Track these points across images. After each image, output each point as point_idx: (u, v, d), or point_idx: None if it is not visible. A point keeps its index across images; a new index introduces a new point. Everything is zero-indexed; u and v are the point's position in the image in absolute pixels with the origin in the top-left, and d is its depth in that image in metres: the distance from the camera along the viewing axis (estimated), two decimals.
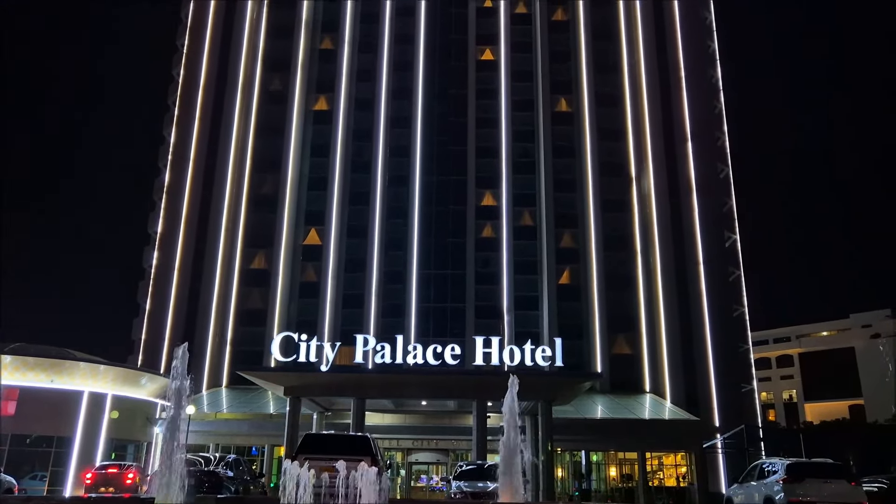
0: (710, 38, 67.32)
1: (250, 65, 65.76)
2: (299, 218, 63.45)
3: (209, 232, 60.76)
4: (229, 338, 58.26)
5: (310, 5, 68.61)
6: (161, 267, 59.89)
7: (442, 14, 70.27)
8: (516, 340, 51.39)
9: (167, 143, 64.14)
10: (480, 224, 63.32)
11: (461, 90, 67.40)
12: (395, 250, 62.22)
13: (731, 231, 61.40)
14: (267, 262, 61.13)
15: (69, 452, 41.43)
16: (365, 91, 66.97)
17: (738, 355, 57.88)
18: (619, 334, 58.42)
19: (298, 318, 59.88)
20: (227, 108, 64.05)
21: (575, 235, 62.00)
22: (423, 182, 64.06)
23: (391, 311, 60.28)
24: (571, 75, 66.37)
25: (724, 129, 64.92)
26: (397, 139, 65.79)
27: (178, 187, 61.80)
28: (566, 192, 63.08)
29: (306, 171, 64.82)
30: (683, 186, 61.14)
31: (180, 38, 67.94)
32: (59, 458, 41.17)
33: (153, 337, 57.86)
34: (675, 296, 58.19)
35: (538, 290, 60.91)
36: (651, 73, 64.18)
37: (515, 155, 64.79)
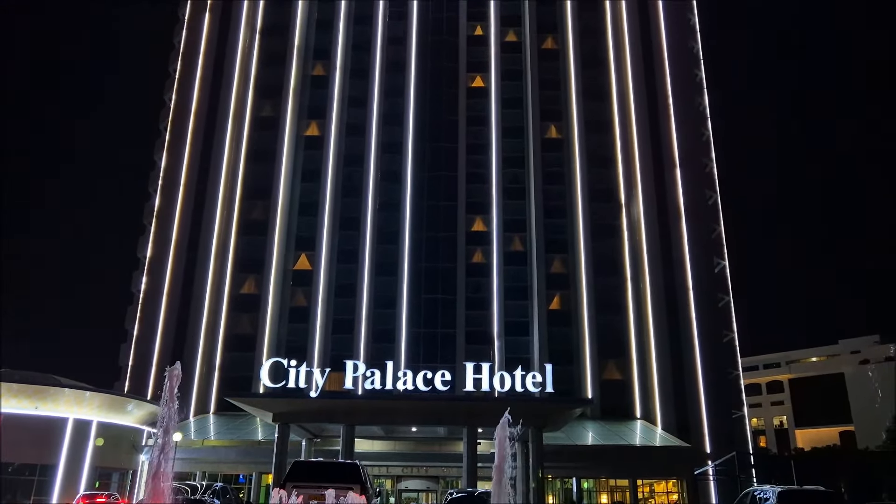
0: (697, 66, 68.32)
1: (242, 91, 66.07)
2: (290, 243, 63.35)
3: (199, 257, 60.48)
4: (218, 363, 57.78)
5: (302, 33, 69.21)
6: (150, 292, 59.49)
7: (433, 42, 71.13)
8: (507, 366, 51.19)
9: (158, 168, 64.11)
10: (471, 249, 63.45)
11: (452, 117, 67.98)
12: (385, 275, 62.16)
13: (720, 257, 61.73)
14: (257, 286, 60.86)
15: (52, 481, 40.74)
16: (356, 117, 67.38)
17: (729, 381, 57.85)
18: (609, 360, 58.34)
19: (288, 343, 59.51)
20: (219, 134, 64.17)
21: (565, 261, 62.15)
22: (413, 207, 64.28)
23: (381, 336, 60.03)
24: (561, 103, 67.03)
25: (711, 155, 65.62)
26: (388, 164, 66.12)
27: (168, 212, 61.65)
28: (556, 217, 63.36)
29: (297, 196, 64.85)
30: (672, 212, 61.52)
31: (172, 63, 68.30)
32: (43, 487, 40.46)
33: (140, 362, 57.27)
34: (665, 321, 58.25)
35: (529, 316, 60.88)
36: (639, 100, 64.91)
37: (506, 181, 65.16)
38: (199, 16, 67.97)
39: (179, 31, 69.03)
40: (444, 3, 72.96)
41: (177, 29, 69.92)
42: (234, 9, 68.01)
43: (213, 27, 67.78)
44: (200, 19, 67.75)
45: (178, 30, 69.63)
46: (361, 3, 71.86)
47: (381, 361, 43.32)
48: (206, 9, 67.93)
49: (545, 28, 69.87)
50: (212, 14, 67.98)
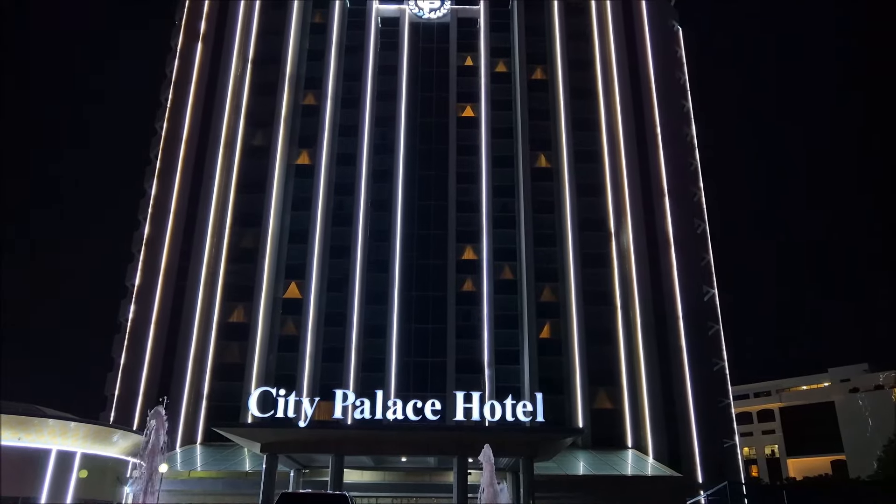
0: (685, 97, 69.31)
1: (233, 119, 66.30)
2: (280, 271, 63.18)
3: (188, 285, 60.11)
4: (205, 393, 57.15)
5: (294, 63, 69.79)
6: (137, 320, 58.95)
7: (423, 72, 72.11)
8: (497, 395, 50.99)
9: (148, 196, 63.98)
10: (461, 278, 63.55)
11: (442, 146, 68.62)
12: (375, 304, 62.06)
13: (710, 285, 62.01)
14: (246, 315, 60.50)
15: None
16: (347, 146, 67.81)
17: (720, 410, 57.73)
18: (600, 389, 58.14)
19: (277, 372, 59.05)
20: (209, 162, 64.20)
21: (555, 289, 62.23)
22: (403, 236, 64.51)
23: (371, 365, 59.73)
24: (551, 133, 67.67)
25: (699, 185, 66.34)
26: (379, 193, 66.50)
27: (157, 240, 61.39)
28: (546, 246, 63.58)
29: (287, 225, 64.85)
30: (662, 241, 61.85)
31: (164, 92, 68.56)
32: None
33: (127, 392, 56.55)
34: (656, 350, 58.22)
35: (519, 345, 60.77)
36: (628, 131, 65.60)
37: (496, 210, 65.52)
38: (191, 45, 68.45)
39: (171, 60, 69.44)
40: (434, 34, 74.13)
41: (169, 58, 70.34)
42: (226, 39, 68.56)
43: (206, 57, 68.20)
44: (193, 49, 68.22)
45: (170, 59, 70.05)
46: (353, 34, 72.83)
47: (370, 390, 42.99)
48: (199, 39, 68.44)
49: (534, 59, 70.82)
50: (204, 44, 68.48)
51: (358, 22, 73.46)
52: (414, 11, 74.57)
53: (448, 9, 74.88)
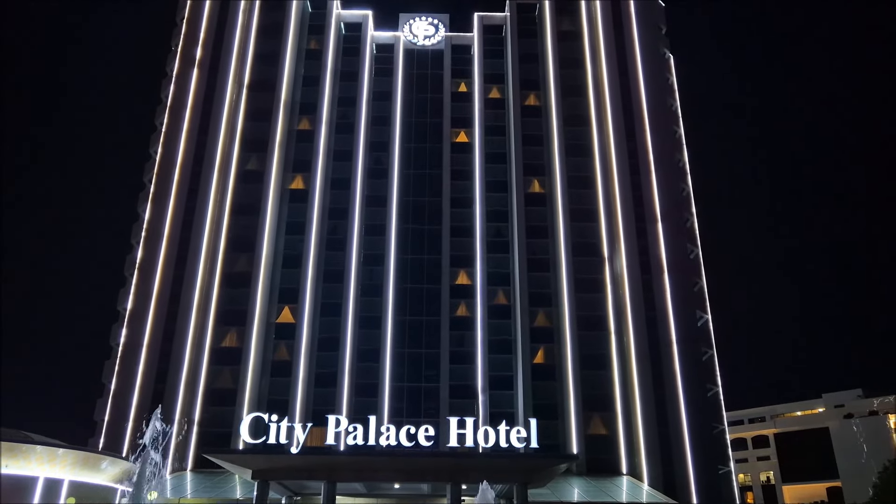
0: (676, 123, 69.99)
1: (228, 144, 66.47)
2: (273, 296, 62.99)
3: (180, 309, 59.77)
4: (196, 418, 56.53)
5: (289, 88, 70.24)
6: (129, 345, 58.49)
7: (418, 98, 72.86)
8: (491, 421, 50.71)
9: (141, 220, 63.86)
10: (455, 303, 63.55)
11: (436, 171, 69.14)
12: (369, 328, 61.93)
13: (703, 311, 62.06)
14: (239, 340, 60.11)
15: None
16: (341, 171, 68.12)
17: (714, 436, 57.42)
18: (594, 414, 57.82)
19: (269, 397, 58.63)
20: (203, 187, 64.22)
21: (549, 315, 62.18)
22: (397, 261, 64.69)
23: (364, 390, 59.40)
24: (544, 158, 68.12)
25: (692, 210, 66.72)
26: (372, 218, 66.71)
27: (150, 264, 61.16)
28: (540, 271, 63.65)
29: (281, 249, 64.84)
30: (655, 267, 61.96)
31: (159, 117, 68.78)
32: None
33: (117, 418, 55.90)
34: (650, 375, 58.02)
35: (513, 370, 60.57)
36: (621, 156, 66.01)
37: (489, 235, 65.72)
38: (187, 71, 68.84)
39: (167, 85, 69.77)
40: (429, 60, 74.99)
41: (164, 83, 70.70)
42: (222, 65, 68.98)
43: (201, 82, 68.53)
44: (188, 74, 68.59)
45: (165, 84, 70.39)
46: (348, 60, 73.62)
47: (363, 416, 42.73)
48: (195, 64, 68.85)
49: (528, 86, 71.53)
50: (200, 69, 68.90)
51: (353, 49, 74.31)
52: (409, 38, 75.47)
53: (442, 36, 75.82)
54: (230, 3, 71.47)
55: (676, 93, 72.21)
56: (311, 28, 74.59)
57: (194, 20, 71.06)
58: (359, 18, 75.89)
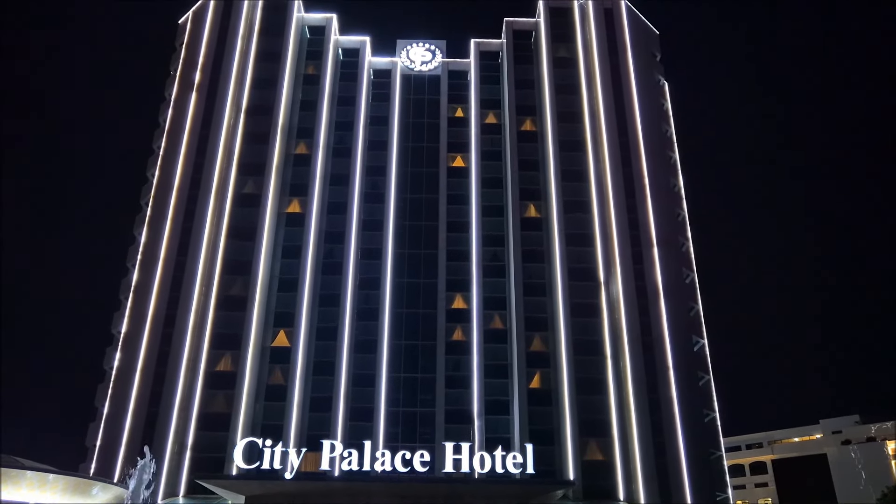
0: (671, 149, 70.54)
1: (225, 168, 66.64)
2: (268, 319, 62.78)
3: (175, 333, 59.46)
4: (190, 443, 55.88)
5: (286, 113, 70.66)
6: (123, 368, 58.11)
7: (414, 123, 73.45)
8: (487, 446, 50.39)
9: (137, 243, 63.84)
10: (451, 327, 63.44)
11: (433, 195, 69.44)
12: (364, 352, 61.71)
13: (699, 335, 62.00)
14: (233, 364, 59.74)
15: None
16: (338, 195, 68.35)
17: (712, 462, 57.07)
18: (590, 440, 57.41)
19: (264, 422, 58.15)
20: (200, 210, 64.25)
21: (545, 339, 62.05)
22: (394, 284, 64.68)
23: (359, 414, 58.98)
24: (540, 183, 68.46)
25: (687, 235, 66.94)
26: (369, 242, 66.83)
27: (145, 287, 60.98)
28: (536, 295, 63.66)
29: (277, 273, 64.79)
30: (651, 291, 61.97)
31: (157, 141, 69.09)
32: None
33: (109, 442, 55.35)
34: (646, 400, 57.74)
35: (509, 395, 60.29)
36: (616, 182, 66.33)
37: (486, 259, 65.83)
38: (185, 95, 69.26)
39: (165, 109, 70.20)
40: (425, 86, 75.67)
41: (163, 107, 71.15)
42: (220, 89, 69.41)
43: (199, 106, 68.88)
44: (187, 98, 68.99)
45: (163, 108, 70.83)
46: (345, 85, 74.24)
47: (358, 441, 42.48)
48: (193, 88, 69.29)
49: (524, 111, 72.14)
50: (198, 94, 69.31)
51: (350, 74, 74.97)
52: (406, 64, 76.20)
53: (439, 62, 76.59)
54: (229, 28, 72.14)
55: (671, 118, 72.90)
56: (309, 53, 75.31)
57: (193, 45, 71.69)
58: (356, 44, 76.66)
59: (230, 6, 73.33)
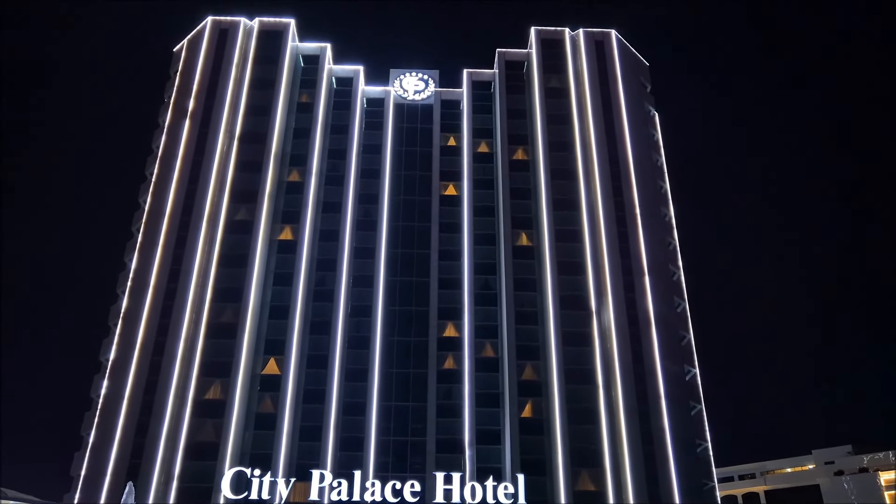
0: (662, 178, 71.16)
1: (217, 195, 66.63)
2: (259, 347, 62.34)
3: (164, 360, 58.86)
4: (177, 473, 54.95)
5: (279, 140, 70.99)
6: (110, 396, 57.38)
7: (407, 151, 73.97)
8: (478, 476, 49.89)
9: (128, 270, 63.52)
10: (442, 355, 63.19)
11: (425, 223, 69.67)
12: (355, 381, 61.24)
13: (691, 364, 61.94)
14: (223, 392, 59.12)
15: None
16: (330, 222, 68.44)
17: (704, 493, 56.65)
18: (582, 470, 56.90)
19: (253, 451, 57.37)
20: (192, 237, 64.07)
21: (537, 368, 61.81)
22: (385, 313, 64.55)
23: (350, 444, 58.34)
24: (532, 212, 68.76)
25: (678, 264, 67.25)
26: (360, 269, 66.78)
27: (135, 314, 60.52)
28: (528, 324, 63.53)
29: (268, 300, 64.48)
30: (642, 320, 61.98)
31: (150, 167, 69.14)
32: None
33: (94, 472, 54.43)
34: (638, 430, 57.40)
35: (500, 424, 59.86)
36: (608, 211, 66.67)
37: (477, 287, 65.81)
38: (179, 122, 69.51)
39: (159, 136, 70.39)
40: (418, 115, 76.36)
41: (156, 134, 71.35)
42: (213, 116, 69.73)
43: (193, 133, 69.08)
44: (180, 125, 69.23)
45: (157, 135, 71.04)
46: (338, 114, 74.74)
47: (348, 471, 42.03)
48: (187, 115, 69.59)
49: (516, 140, 72.67)
50: (192, 121, 69.58)
51: (344, 102, 75.56)
52: (399, 93, 76.89)
53: (432, 91, 77.33)
54: (224, 56, 72.75)
55: (662, 149, 73.66)
56: (303, 82, 75.89)
57: (188, 73, 72.16)
58: (350, 73, 77.37)
59: (225, 35, 74.04)
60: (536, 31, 76.81)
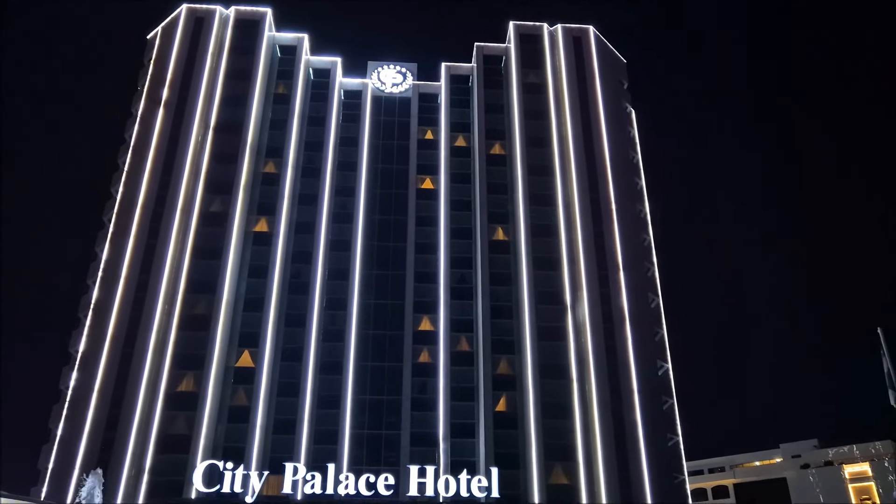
0: (638, 175, 71.75)
1: (192, 186, 65.80)
2: (232, 339, 61.77)
3: (135, 352, 58.08)
4: (148, 466, 54.28)
5: (255, 131, 70.21)
6: (79, 388, 56.53)
7: (384, 144, 73.62)
8: (452, 469, 50.05)
9: (98, 260, 62.52)
10: (417, 349, 63.18)
11: (401, 217, 69.48)
12: (330, 374, 61.02)
13: (664, 360, 62.65)
14: (196, 384, 58.54)
15: None
16: (306, 215, 67.94)
17: (675, 486, 57.43)
18: (556, 464, 57.37)
19: (226, 444, 56.93)
20: (165, 228, 63.21)
21: (512, 362, 62.09)
22: (360, 305, 64.30)
23: (324, 437, 58.12)
24: (508, 206, 68.94)
25: (653, 260, 67.90)
26: (336, 262, 66.41)
27: (105, 305, 59.63)
28: (503, 318, 63.77)
29: (242, 293, 63.88)
30: (617, 315, 62.51)
31: (122, 156, 68.04)
32: None
33: (63, 466, 53.62)
34: (611, 425, 57.98)
35: (475, 418, 60.07)
36: (584, 206, 67.06)
37: (453, 281, 65.87)
38: (152, 111, 68.43)
39: (132, 125, 69.26)
40: (396, 108, 76.01)
41: (129, 123, 70.19)
42: (188, 106, 68.78)
43: (167, 123, 68.10)
44: (154, 115, 68.17)
45: (130, 124, 69.89)
46: (315, 105, 74.11)
47: (322, 464, 41.92)
48: (161, 105, 68.55)
49: (493, 135, 72.76)
50: (166, 110, 68.60)
51: (321, 94, 74.93)
52: (377, 86, 76.46)
53: (410, 84, 77.02)
54: (199, 45, 71.75)
55: (638, 145, 74.25)
56: (279, 73, 75.12)
57: (162, 61, 71.05)
58: (327, 65, 76.76)
59: (200, 23, 73.01)
60: (515, 27, 76.88)
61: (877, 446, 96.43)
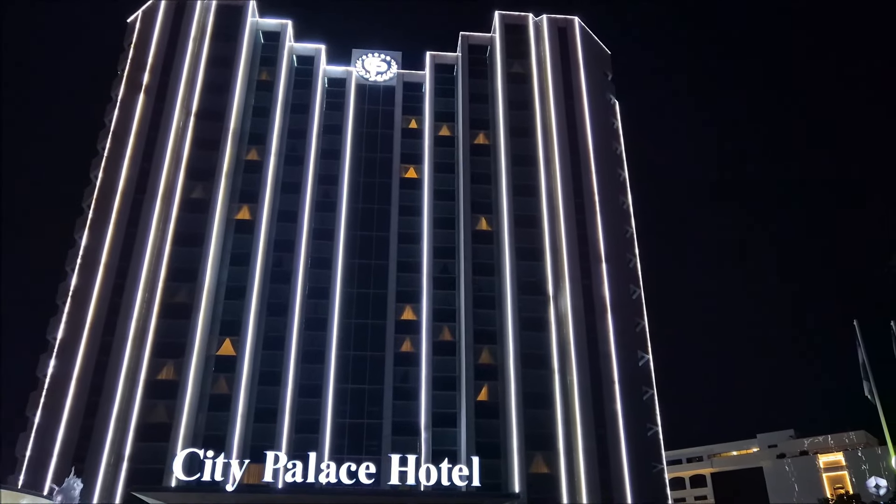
0: (621, 166, 72.05)
1: (173, 172, 65.11)
2: (214, 328, 61.36)
3: (115, 340, 57.59)
4: (127, 454, 53.93)
5: (238, 118, 69.51)
6: (57, 376, 55.98)
7: (368, 133, 73.15)
8: (433, 459, 50.20)
9: (77, 247, 61.78)
10: (400, 338, 63.16)
11: (384, 206, 69.19)
12: (312, 363, 60.85)
13: (644, 351, 63.19)
14: (176, 372, 58.17)
15: None
16: (289, 203, 67.46)
17: (654, 475, 58.08)
18: (537, 453, 57.76)
19: (206, 432, 56.69)
20: (145, 214, 62.57)
21: (494, 352, 62.28)
22: (343, 294, 64.08)
23: (305, 426, 58.06)
24: (492, 197, 68.94)
25: (635, 251, 68.35)
26: (319, 251, 66.04)
27: (84, 292, 58.99)
28: (486, 308, 63.89)
29: (224, 280, 63.44)
30: (598, 306, 62.89)
31: (102, 141, 67.16)
32: None
33: (40, 453, 53.15)
34: (592, 414, 58.48)
35: (456, 407, 60.26)
36: (567, 197, 67.28)
37: (436, 271, 65.85)
38: (133, 96, 67.52)
39: (111, 110, 68.31)
40: (380, 96, 75.51)
41: (109, 108, 69.22)
42: (169, 92, 67.93)
43: (147, 108, 67.22)
44: (134, 100, 67.27)
45: (109, 109, 68.93)
46: (299, 93, 73.43)
47: (303, 453, 41.89)
48: (141, 90, 67.64)
49: (477, 125, 72.62)
50: (147, 95, 67.69)
51: (304, 81, 74.26)
52: (361, 74, 75.89)
53: (395, 73, 76.56)
54: (180, 30, 70.80)
55: (621, 137, 74.51)
56: (262, 59, 74.36)
57: (142, 46, 70.06)
58: (311, 52, 76.05)
59: (182, 7, 72.02)
60: (500, 16, 76.62)
61: (851, 436, 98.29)
